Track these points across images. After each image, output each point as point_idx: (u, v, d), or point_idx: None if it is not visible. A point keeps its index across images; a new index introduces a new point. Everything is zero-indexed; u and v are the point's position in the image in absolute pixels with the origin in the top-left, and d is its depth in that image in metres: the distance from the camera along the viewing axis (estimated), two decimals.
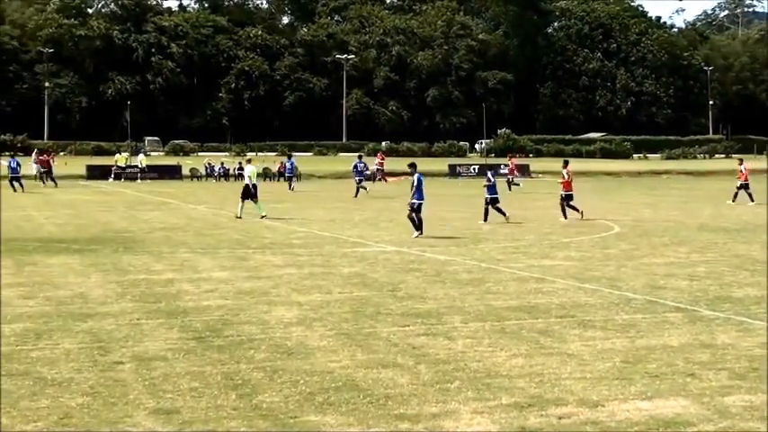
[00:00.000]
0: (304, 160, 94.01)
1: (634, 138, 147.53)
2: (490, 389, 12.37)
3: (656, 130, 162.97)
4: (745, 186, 50.95)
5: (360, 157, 65.92)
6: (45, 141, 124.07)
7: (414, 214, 32.33)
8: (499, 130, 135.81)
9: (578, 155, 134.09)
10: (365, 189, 57.09)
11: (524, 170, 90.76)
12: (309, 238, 31.83)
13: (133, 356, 14.16)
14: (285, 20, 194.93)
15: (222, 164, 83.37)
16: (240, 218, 39.35)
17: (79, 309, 18.06)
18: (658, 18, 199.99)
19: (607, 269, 24.07)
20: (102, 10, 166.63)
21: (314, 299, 19.25)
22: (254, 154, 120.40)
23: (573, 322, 16.89)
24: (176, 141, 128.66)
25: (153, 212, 42.88)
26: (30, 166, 77.95)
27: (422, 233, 31.79)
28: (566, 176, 40.92)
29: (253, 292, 20.13)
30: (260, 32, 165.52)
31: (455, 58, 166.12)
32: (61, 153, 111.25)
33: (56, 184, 70.36)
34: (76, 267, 24.12)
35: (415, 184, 32.66)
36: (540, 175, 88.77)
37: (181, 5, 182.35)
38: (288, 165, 69.54)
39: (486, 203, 38.68)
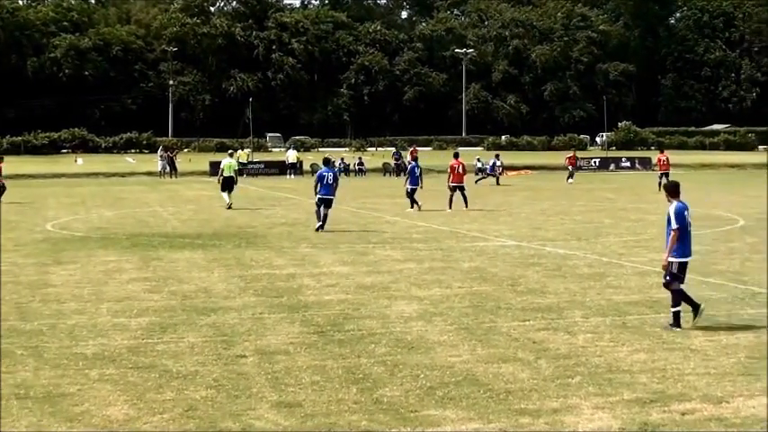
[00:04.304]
0: (424, 154, 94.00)
1: (759, 129, 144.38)
2: (611, 384, 12.27)
3: None
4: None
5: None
6: (169, 138, 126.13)
7: (322, 209, 32.38)
8: (620, 123, 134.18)
9: (702, 147, 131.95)
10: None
11: (646, 163, 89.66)
12: (429, 232, 31.84)
13: (256, 350, 14.36)
14: (404, 15, 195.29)
15: (342, 159, 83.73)
16: (230, 207, 41.43)
17: (203, 303, 18.35)
18: None
19: (731, 263, 23.67)
20: (224, 8, 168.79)
21: (434, 293, 19.27)
22: (374, 149, 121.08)
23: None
24: (297, 137, 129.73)
25: (274, 208, 43.33)
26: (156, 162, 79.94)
27: (322, 229, 31.81)
28: (459, 169, 41.53)
29: (373, 286, 20.23)
30: (379, 28, 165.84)
31: (575, 50, 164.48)
32: (185, 150, 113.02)
33: (176, 175, 75.51)
34: (200, 262, 24.50)
35: (317, 178, 33.35)
36: (656, 168, 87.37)
37: (302, 2, 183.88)
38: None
39: (408, 193, 41.02)
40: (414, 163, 42.76)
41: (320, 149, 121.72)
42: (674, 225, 15.96)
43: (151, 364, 13.57)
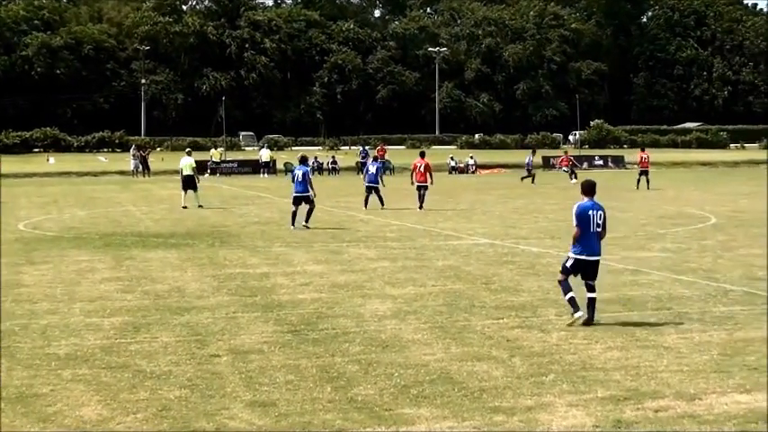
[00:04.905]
0: (397, 153, 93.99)
1: (731, 127, 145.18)
2: (585, 382, 12.31)
3: (754, 120, 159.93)
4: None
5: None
6: (142, 137, 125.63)
7: (296, 207, 32.85)
8: (592, 122, 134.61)
9: (674, 145, 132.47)
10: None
11: (619, 161, 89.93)
12: (403, 231, 31.85)
13: (230, 349, 14.33)
14: (377, 13, 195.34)
15: (316, 158, 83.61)
16: (185, 207, 41.32)
17: (176, 302, 18.31)
18: (755, 5, 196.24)
19: (704, 260, 23.78)
20: (197, 6, 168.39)
21: (408, 292, 19.28)
22: (348, 148, 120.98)
23: (669, 314, 16.74)
24: (270, 136, 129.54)
25: (248, 207, 43.25)
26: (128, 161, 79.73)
27: (294, 227, 32.18)
28: (421, 168, 40.94)
29: (347, 285, 20.22)
30: (352, 26, 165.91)
31: (547, 49, 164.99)
32: (157, 149, 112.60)
33: (149, 175, 75.54)
34: (173, 261, 24.44)
35: (291, 176, 33.87)
36: (636, 167, 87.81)
37: (275, 1, 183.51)
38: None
39: (367, 191, 40.65)
40: (372, 161, 42.56)
41: (293, 148, 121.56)
42: (573, 222, 16.24)
43: (124, 363, 13.52)
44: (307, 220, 32.30)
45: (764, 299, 18.15)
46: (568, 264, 16.19)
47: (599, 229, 16.11)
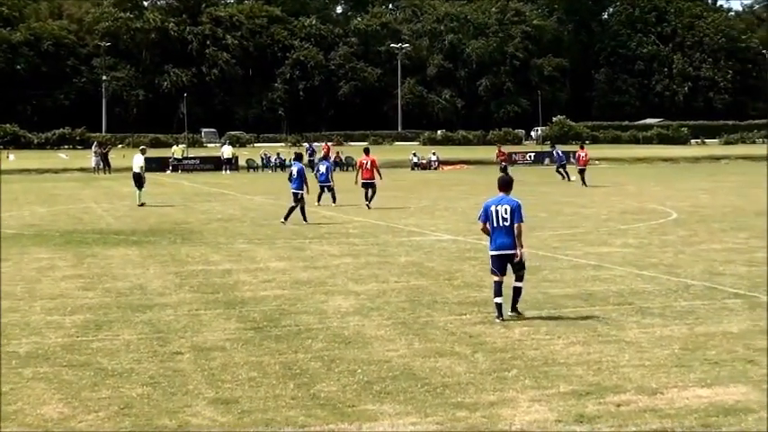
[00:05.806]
0: (359, 149, 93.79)
1: (691, 123, 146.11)
2: (548, 377, 12.35)
3: (714, 116, 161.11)
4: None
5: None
6: (103, 134, 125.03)
7: (299, 204, 33.39)
8: (554, 118, 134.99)
9: (635, 141, 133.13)
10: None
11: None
12: (366, 227, 31.84)
13: (192, 347, 14.28)
14: (339, 9, 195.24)
15: (278, 154, 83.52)
16: (143, 204, 41.57)
17: (138, 300, 18.22)
18: (714, 1, 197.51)
19: (665, 256, 23.90)
20: (158, 2, 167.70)
21: (370, 288, 19.28)
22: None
23: (631, 309, 16.81)
24: (232, 132, 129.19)
25: (210, 203, 43.11)
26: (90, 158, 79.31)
27: (285, 222, 32.64)
28: (367, 165, 40.86)
29: (310, 281, 20.20)
30: (314, 22, 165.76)
31: (510, 45, 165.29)
32: (119, 146, 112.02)
33: (110, 171, 75.35)
34: (135, 259, 24.33)
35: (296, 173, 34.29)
36: (597, 162, 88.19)
37: None
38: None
39: (321, 189, 40.54)
40: (323, 160, 42.82)
41: (255, 145, 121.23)
42: (479, 217, 16.59)
43: (86, 362, 13.44)
44: (285, 217, 32.75)
45: (725, 293, 18.29)
46: (490, 262, 16.31)
47: (506, 224, 16.12)
